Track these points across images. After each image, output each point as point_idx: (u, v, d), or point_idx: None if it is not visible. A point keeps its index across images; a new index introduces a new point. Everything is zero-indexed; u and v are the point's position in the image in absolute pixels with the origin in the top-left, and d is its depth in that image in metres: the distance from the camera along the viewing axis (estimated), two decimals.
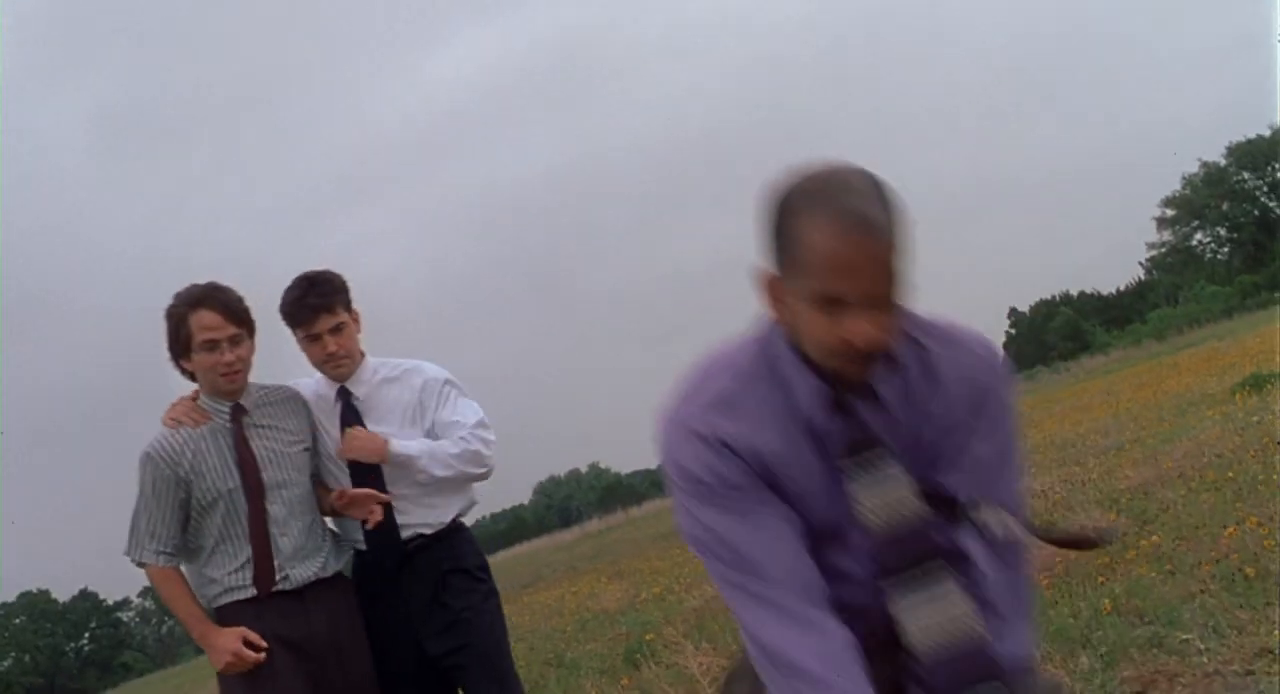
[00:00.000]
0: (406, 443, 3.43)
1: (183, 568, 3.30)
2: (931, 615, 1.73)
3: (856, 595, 1.78)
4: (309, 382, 3.59)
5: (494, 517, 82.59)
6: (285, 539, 3.26)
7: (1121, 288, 73.62)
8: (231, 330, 3.23)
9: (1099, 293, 74.33)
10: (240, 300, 3.30)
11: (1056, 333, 69.13)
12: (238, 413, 3.31)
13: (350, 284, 3.54)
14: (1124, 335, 58.10)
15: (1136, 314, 63.71)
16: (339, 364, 3.47)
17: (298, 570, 3.27)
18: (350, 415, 3.49)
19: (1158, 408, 13.80)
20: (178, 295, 3.27)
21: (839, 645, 1.71)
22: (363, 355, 3.56)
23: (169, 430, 3.27)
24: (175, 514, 3.22)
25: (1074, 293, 75.26)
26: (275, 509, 3.26)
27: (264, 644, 3.15)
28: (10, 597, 72.25)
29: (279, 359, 3.67)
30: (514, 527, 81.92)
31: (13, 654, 72.02)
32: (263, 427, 3.33)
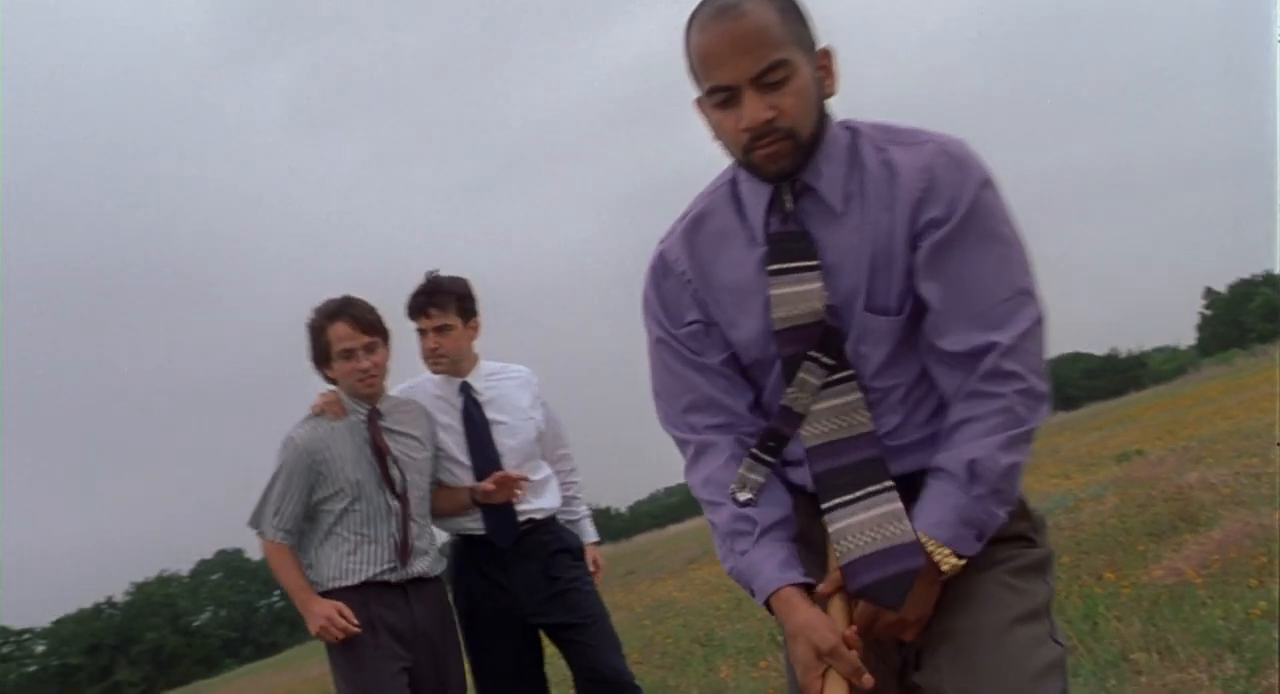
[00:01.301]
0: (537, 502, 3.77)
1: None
2: (861, 528, 1.72)
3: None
4: (421, 382, 3.88)
5: (667, 491, 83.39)
6: (413, 537, 3.55)
7: None
8: (365, 339, 3.53)
9: None
10: (372, 311, 3.59)
11: (1255, 314, 65.78)
12: (374, 415, 3.59)
13: (477, 295, 3.84)
14: None
15: None
16: (436, 360, 3.78)
17: (414, 566, 3.54)
18: (473, 409, 3.78)
19: None
20: (316, 310, 3.58)
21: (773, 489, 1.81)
22: (476, 358, 3.85)
23: (312, 421, 3.57)
24: (301, 498, 3.50)
25: (1276, 272, 71.51)
26: (408, 508, 3.55)
27: (355, 620, 3.38)
28: (209, 554, 76.39)
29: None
30: (685, 501, 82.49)
31: (210, 608, 76.09)
32: (395, 431, 3.60)
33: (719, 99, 1.70)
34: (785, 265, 1.74)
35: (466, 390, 3.80)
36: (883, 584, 1.69)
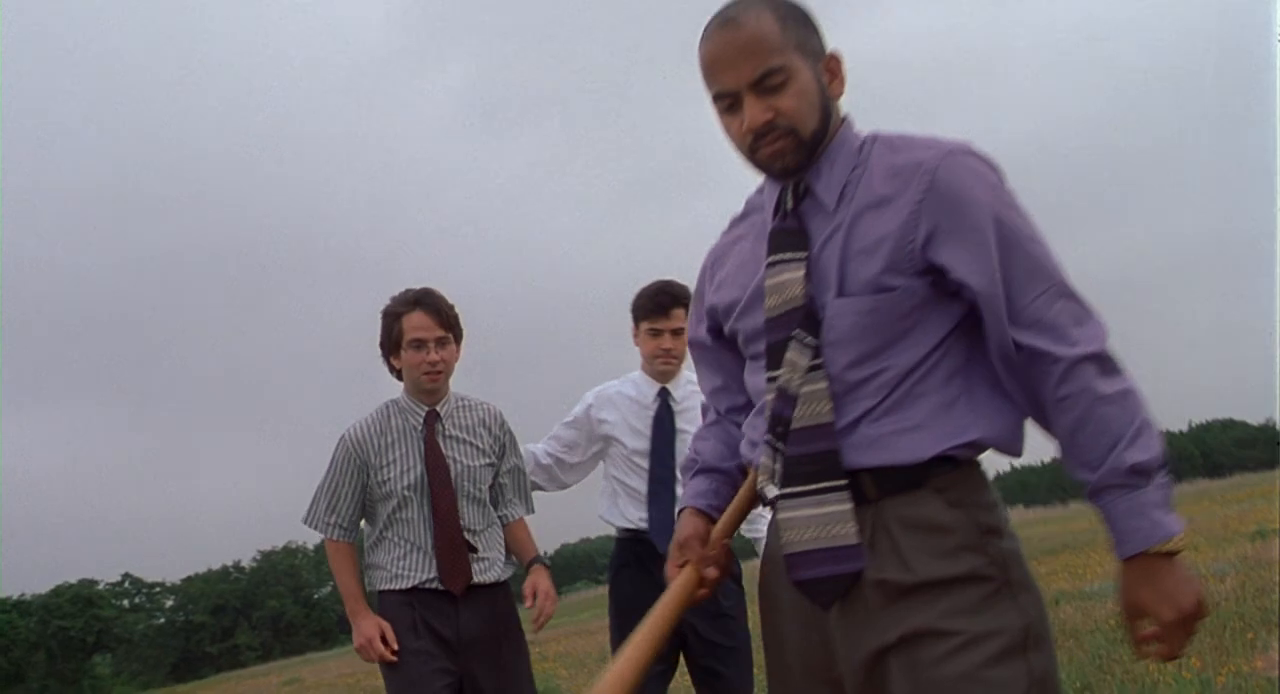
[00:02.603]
0: None
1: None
2: (808, 522, 1.75)
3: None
4: (620, 384, 3.99)
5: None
6: (465, 545, 3.46)
7: None
8: (439, 332, 3.47)
9: None
10: (452, 308, 3.54)
11: None
12: (431, 418, 3.53)
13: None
14: None
15: None
16: (668, 361, 3.85)
17: (474, 572, 3.45)
18: (665, 414, 3.88)
19: None
20: (394, 298, 3.54)
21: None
22: (681, 369, 3.92)
23: (369, 418, 3.55)
24: (355, 495, 3.50)
25: None
26: (459, 514, 3.48)
27: (395, 645, 3.34)
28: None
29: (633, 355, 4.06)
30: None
31: (331, 584, 77.97)
32: (453, 436, 3.53)
33: (724, 104, 1.80)
34: (778, 257, 1.81)
35: (665, 396, 3.88)
36: (819, 583, 1.73)
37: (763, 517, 4.07)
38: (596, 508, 4.04)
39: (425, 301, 3.49)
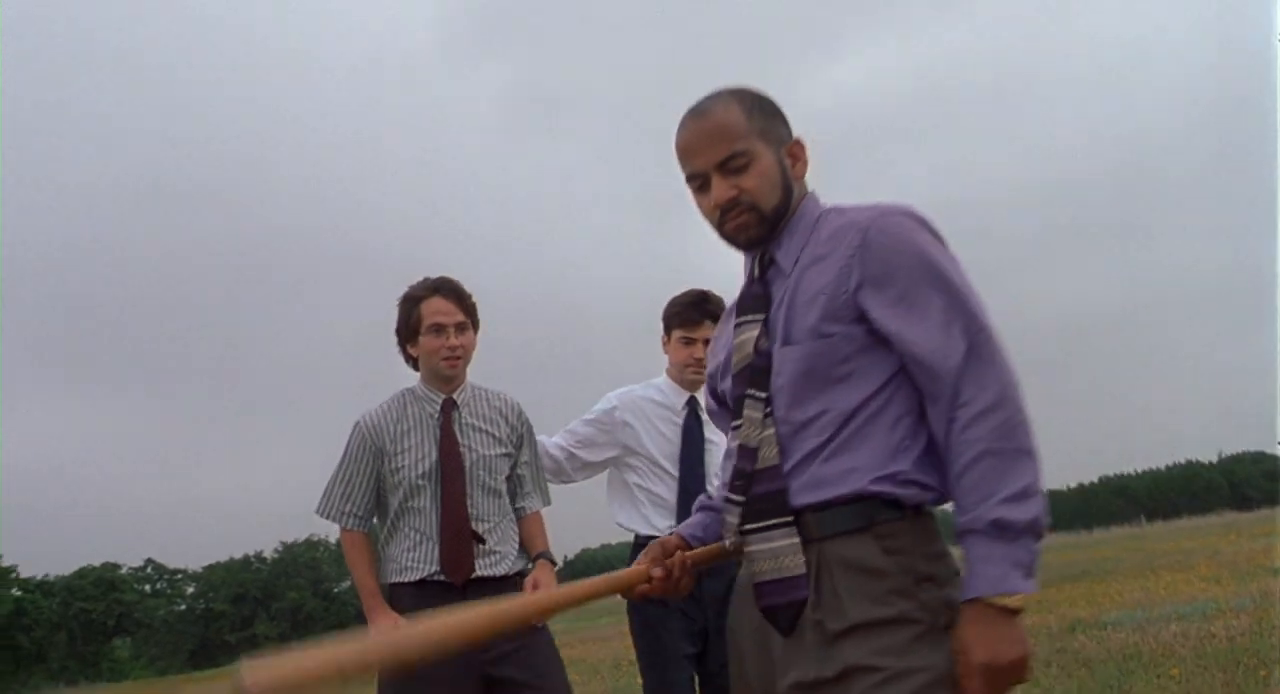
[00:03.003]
0: None
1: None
2: (765, 555, 1.90)
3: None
4: (643, 389, 3.96)
5: None
6: (482, 532, 3.39)
7: None
8: (459, 318, 3.45)
9: None
10: (470, 296, 3.51)
11: None
12: (448, 406, 3.48)
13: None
14: None
15: None
16: (699, 370, 3.80)
17: (481, 565, 3.38)
18: (694, 423, 3.86)
19: None
20: (413, 285, 3.50)
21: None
22: None
23: (384, 405, 3.50)
24: (369, 483, 3.44)
25: None
26: (470, 503, 3.40)
27: None
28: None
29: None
30: None
31: (350, 578, 78.38)
32: (470, 425, 3.48)
33: (696, 184, 2.01)
34: (743, 319, 2.02)
35: (693, 405, 3.88)
36: (777, 610, 1.88)
37: None
38: (611, 514, 3.99)
39: (445, 288, 3.47)
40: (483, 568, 3.39)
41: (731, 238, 2.01)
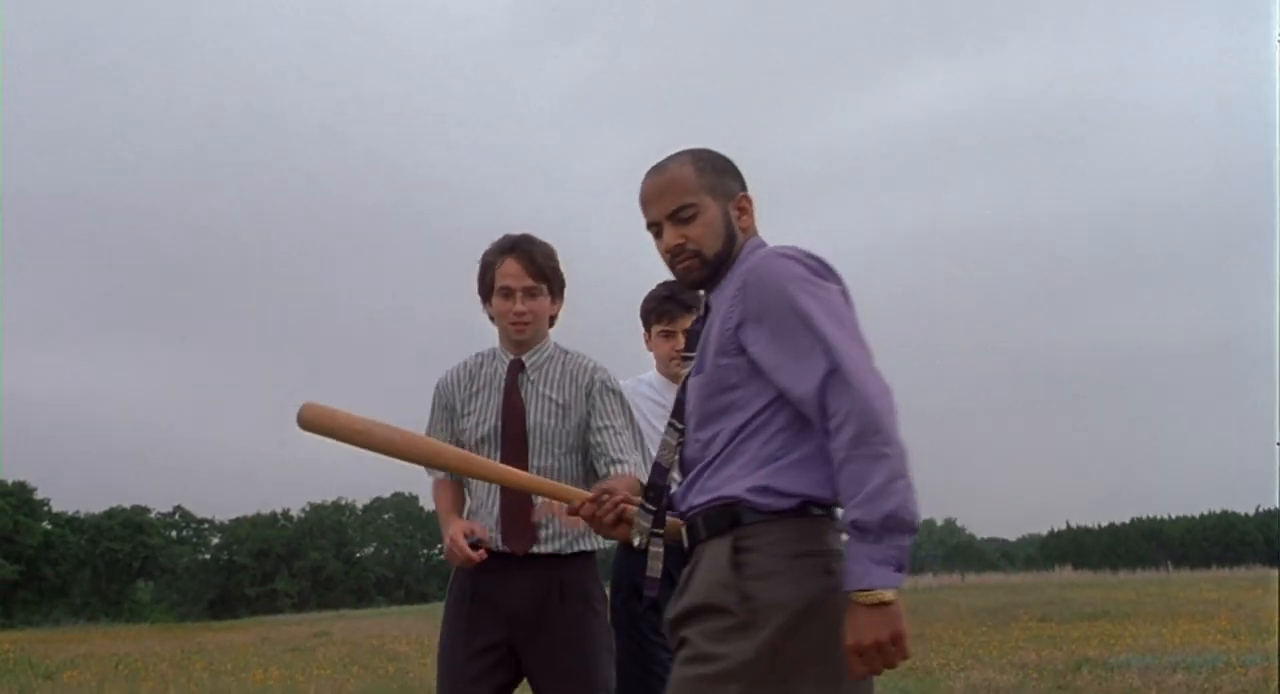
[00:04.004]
0: None
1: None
2: (655, 558, 2.34)
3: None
4: (634, 384, 3.95)
5: None
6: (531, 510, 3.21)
7: None
8: (529, 282, 3.32)
9: None
10: (550, 256, 3.38)
11: None
12: (515, 367, 3.39)
13: None
14: None
15: None
16: (683, 363, 3.75)
17: (545, 536, 3.27)
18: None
19: None
20: (494, 242, 3.41)
21: None
22: None
23: (461, 364, 3.48)
24: (449, 439, 3.37)
25: None
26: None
27: (486, 538, 3.18)
28: (386, 493, 79.23)
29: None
30: None
31: (374, 544, 78.94)
32: (536, 388, 3.36)
33: (654, 231, 2.32)
34: (686, 355, 2.40)
35: None
36: (652, 601, 2.34)
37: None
38: None
39: (520, 248, 3.35)
40: (545, 541, 3.28)
41: (681, 278, 2.32)
